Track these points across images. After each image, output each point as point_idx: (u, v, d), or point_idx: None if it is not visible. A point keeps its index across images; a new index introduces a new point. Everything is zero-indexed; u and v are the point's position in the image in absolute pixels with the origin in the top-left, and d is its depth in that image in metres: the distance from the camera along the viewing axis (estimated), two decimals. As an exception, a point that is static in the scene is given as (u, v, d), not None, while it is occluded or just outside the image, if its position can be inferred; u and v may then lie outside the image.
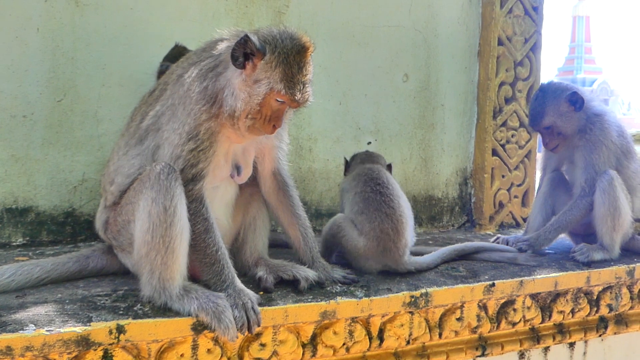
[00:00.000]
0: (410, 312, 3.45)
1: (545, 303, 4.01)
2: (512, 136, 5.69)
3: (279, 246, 3.89)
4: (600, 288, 4.24)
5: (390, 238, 3.58)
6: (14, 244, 4.05)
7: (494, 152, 5.64)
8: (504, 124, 5.66)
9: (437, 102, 5.56)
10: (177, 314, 2.81)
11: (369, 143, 5.26)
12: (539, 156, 4.96)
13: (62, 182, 4.19)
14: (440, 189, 5.64)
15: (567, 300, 4.07)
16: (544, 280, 3.97)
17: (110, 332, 2.65)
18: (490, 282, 3.75)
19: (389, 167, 4.09)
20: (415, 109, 5.46)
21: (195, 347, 2.83)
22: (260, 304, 2.98)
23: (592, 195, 4.22)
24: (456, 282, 3.68)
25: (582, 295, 4.14)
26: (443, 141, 5.61)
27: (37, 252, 3.86)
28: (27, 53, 4.05)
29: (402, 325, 3.44)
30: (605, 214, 4.17)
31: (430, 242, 4.91)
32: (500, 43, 5.60)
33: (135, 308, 2.83)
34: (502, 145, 5.68)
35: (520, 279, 3.88)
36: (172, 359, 2.79)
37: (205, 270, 2.99)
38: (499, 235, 4.80)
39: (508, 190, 5.68)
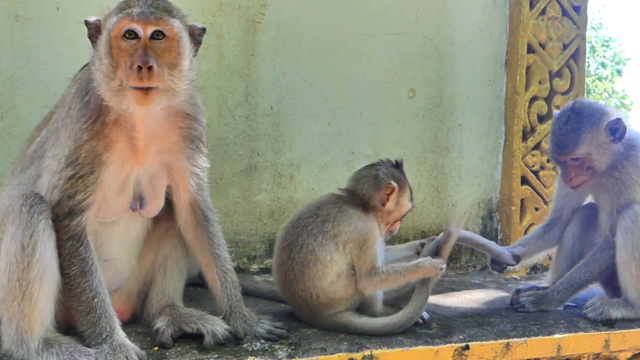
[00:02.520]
0: (349, 382, 2.80)
1: (549, 375, 3.19)
2: (548, 161, 4.78)
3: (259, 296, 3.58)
4: (629, 355, 3.37)
5: (287, 291, 3.07)
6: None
7: (524, 180, 4.78)
8: (536, 147, 4.79)
9: (453, 121, 4.78)
10: (36, 372, 2.45)
11: (366, 169, 4.54)
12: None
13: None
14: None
15: (579, 371, 3.25)
16: (541, 342, 3.13)
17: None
18: (463, 344, 2.99)
19: (398, 166, 3.33)
20: (425, 130, 4.71)
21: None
22: None
23: None
24: (417, 342, 2.95)
25: (603, 365, 3.30)
26: (460, 167, 4.81)
27: None
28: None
29: (336, 399, 2.78)
30: (629, 259, 3.39)
31: (438, 287, 4.11)
32: (531, 50, 4.77)
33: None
34: (535, 172, 4.80)
35: (507, 340, 3.07)
36: None
37: (80, 319, 2.63)
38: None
39: (542, 225, 4.76)
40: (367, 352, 2.81)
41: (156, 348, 2.71)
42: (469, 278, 4.56)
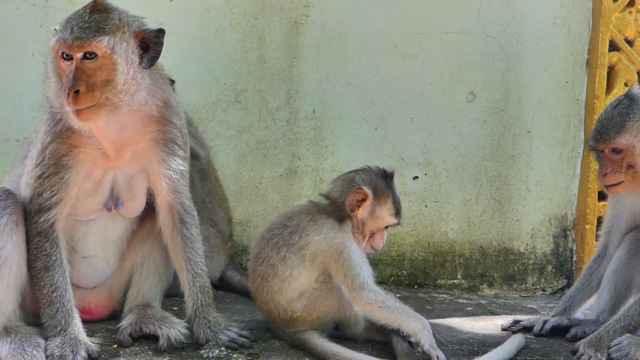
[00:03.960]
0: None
1: None
2: (634, 174, 4.14)
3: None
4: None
5: (256, 301, 2.96)
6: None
7: (602, 196, 4.17)
8: (619, 158, 4.16)
9: (520, 127, 4.34)
10: (-7, 358, 2.56)
11: (415, 178, 4.28)
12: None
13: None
14: (523, 241, 4.35)
15: None
16: None
17: None
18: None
19: (385, 177, 3.02)
20: (486, 136, 4.32)
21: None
22: (97, 359, 2.62)
23: None
24: None
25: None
26: (528, 178, 4.36)
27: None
28: (21, 78, 4.03)
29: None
30: None
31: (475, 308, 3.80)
32: (614, 48, 4.19)
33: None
34: (616, 187, 4.17)
35: None
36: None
37: (42, 311, 2.73)
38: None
39: (624, 247, 4.14)
40: (326, 375, 2.61)
41: (115, 345, 2.74)
42: (528, 302, 4.09)
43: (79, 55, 2.57)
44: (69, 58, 2.60)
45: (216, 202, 3.97)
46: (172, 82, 3.89)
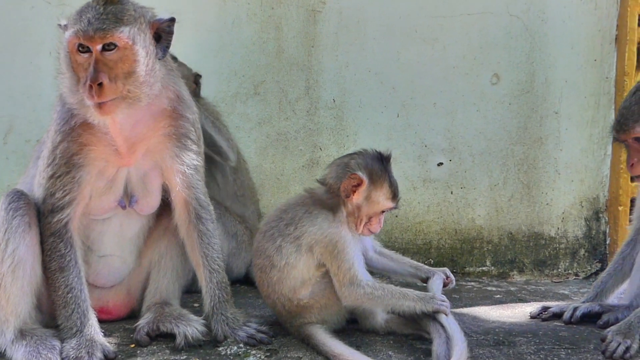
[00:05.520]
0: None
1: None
2: (668, 153, 4.00)
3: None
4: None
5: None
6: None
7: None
8: (652, 136, 4.03)
9: (548, 108, 4.24)
10: (9, 361, 2.60)
11: (440, 164, 4.21)
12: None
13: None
14: (554, 225, 4.26)
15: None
16: None
17: None
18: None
19: (381, 160, 2.94)
20: (512, 119, 4.24)
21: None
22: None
23: None
24: (406, 358, 2.65)
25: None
26: (557, 161, 4.25)
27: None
28: (40, 78, 4.06)
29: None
30: None
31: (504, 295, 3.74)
32: (644, 22, 4.03)
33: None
34: (650, 166, 4.04)
35: None
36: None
37: (58, 312, 2.75)
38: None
39: (659, 229, 4.02)
40: (343, 368, 2.57)
41: (133, 345, 2.75)
42: (560, 288, 3.98)
43: (99, 47, 2.54)
44: (85, 51, 2.57)
45: (248, 196, 3.96)
46: (199, 76, 3.91)
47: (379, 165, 2.87)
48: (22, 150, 4.08)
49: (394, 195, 2.89)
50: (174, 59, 3.75)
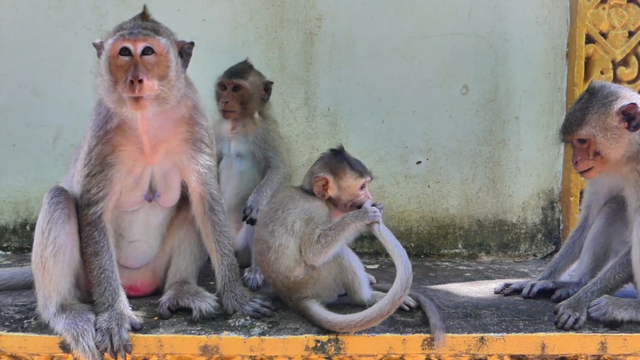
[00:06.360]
0: (315, 361, 2.96)
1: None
2: (611, 152, 4.69)
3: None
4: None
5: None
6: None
7: (583, 172, 4.72)
8: (597, 138, 4.71)
9: (509, 114, 4.89)
10: (52, 331, 2.99)
11: (419, 162, 4.89)
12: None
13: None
14: (515, 213, 4.93)
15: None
16: (521, 339, 3.04)
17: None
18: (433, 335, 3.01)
19: (336, 154, 3.32)
20: (479, 124, 4.89)
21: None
22: (139, 330, 3.01)
23: None
24: (387, 329, 3.04)
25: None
26: (518, 159, 4.91)
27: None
28: (83, 92, 4.64)
29: (303, 375, 2.95)
30: None
31: (473, 274, 4.28)
32: (590, 41, 4.70)
33: (25, 321, 3.07)
34: (595, 163, 4.72)
35: (482, 334, 3.05)
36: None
37: (93, 290, 3.10)
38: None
39: (603, 216, 4.69)
40: (332, 336, 2.99)
41: (156, 318, 3.12)
42: (521, 267, 4.61)
43: (140, 49, 2.89)
44: (126, 54, 2.91)
45: None
46: (270, 83, 4.28)
47: (335, 159, 3.27)
48: (68, 153, 4.62)
49: (361, 172, 3.25)
50: (250, 65, 4.27)
